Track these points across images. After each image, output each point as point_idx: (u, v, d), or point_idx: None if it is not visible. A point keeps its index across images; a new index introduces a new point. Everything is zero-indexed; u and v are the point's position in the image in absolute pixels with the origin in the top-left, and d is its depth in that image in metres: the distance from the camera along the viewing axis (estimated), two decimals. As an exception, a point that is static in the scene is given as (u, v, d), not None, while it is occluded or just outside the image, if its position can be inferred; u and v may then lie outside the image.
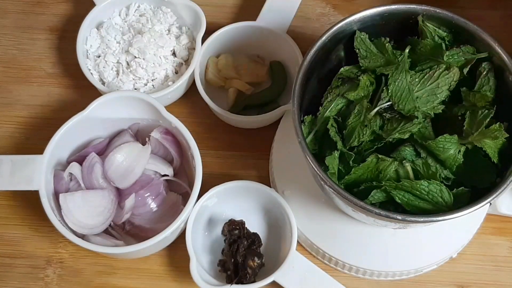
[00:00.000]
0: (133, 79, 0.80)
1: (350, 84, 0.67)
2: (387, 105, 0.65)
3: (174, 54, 0.82)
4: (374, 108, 0.65)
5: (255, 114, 0.78)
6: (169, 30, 0.83)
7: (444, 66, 0.65)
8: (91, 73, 0.80)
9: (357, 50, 0.67)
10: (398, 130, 0.63)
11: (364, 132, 0.63)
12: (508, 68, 0.64)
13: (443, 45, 0.66)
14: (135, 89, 0.80)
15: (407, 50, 0.65)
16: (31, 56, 0.86)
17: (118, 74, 0.80)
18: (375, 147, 0.64)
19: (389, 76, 0.64)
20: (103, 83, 0.80)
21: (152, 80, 0.80)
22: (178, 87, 0.78)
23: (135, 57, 0.80)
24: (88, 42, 0.82)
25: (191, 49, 0.82)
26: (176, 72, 0.81)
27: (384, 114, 0.65)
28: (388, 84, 0.64)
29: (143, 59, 0.79)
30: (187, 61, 0.82)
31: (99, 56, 0.81)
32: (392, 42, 0.68)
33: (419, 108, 0.64)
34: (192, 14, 0.82)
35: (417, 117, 0.63)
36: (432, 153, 0.63)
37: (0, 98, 0.83)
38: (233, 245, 0.70)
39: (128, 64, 0.80)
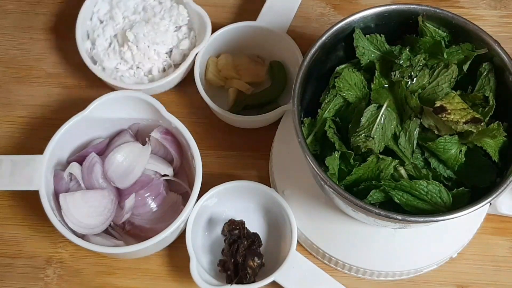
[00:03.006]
0: (120, 59, 0.79)
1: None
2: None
3: (170, 53, 0.82)
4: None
5: (255, 114, 0.78)
6: (176, 31, 0.82)
7: (443, 64, 0.65)
8: (86, 52, 0.79)
9: (356, 47, 0.67)
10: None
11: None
12: (508, 68, 0.64)
13: (443, 42, 0.67)
14: (116, 68, 0.79)
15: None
16: (31, 56, 0.86)
17: (109, 46, 0.79)
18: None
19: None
20: (95, 62, 0.80)
21: (136, 68, 0.80)
22: (152, 88, 0.78)
23: (129, 41, 0.79)
24: (97, 5, 0.80)
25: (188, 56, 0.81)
26: (164, 71, 0.81)
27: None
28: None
29: (136, 46, 0.79)
30: (177, 66, 0.80)
31: (101, 22, 0.80)
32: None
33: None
34: (200, 23, 0.80)
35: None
36: (434, 153, 0.63)
37: (0, 98, 0.83)
38: (233, 245, 0.70)
39: (120, 43, 0.80)
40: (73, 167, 0.72)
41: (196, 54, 0.79)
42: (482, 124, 0.61)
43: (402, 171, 0.63)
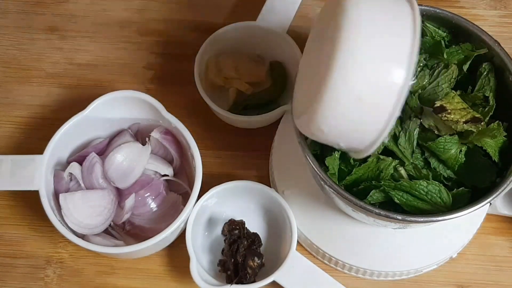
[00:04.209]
0: None
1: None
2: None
3: None
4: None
5: (255, 114, 0.78)
6: None
7: (443, 64, 0.65)
8: None
9: None
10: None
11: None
12: (508, 68, 0.64)
13: (443, 42, 0.67)
14: None
15: None
16: (31, 56, 0.86)
17: None
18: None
19: None
20: None
21: None
22: None
23: None
24: None
25: None
26: None
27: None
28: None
29: None
30: None
31: None
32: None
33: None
34: None
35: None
36: (434, 153, 0.63)
37: (0, 98, 0.83)
38: (233, 245, 0.70)
39: None
40: (73, 167, 0.72)
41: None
42: (482, 123, 0.61)
43: (402, 171, 0.63)
